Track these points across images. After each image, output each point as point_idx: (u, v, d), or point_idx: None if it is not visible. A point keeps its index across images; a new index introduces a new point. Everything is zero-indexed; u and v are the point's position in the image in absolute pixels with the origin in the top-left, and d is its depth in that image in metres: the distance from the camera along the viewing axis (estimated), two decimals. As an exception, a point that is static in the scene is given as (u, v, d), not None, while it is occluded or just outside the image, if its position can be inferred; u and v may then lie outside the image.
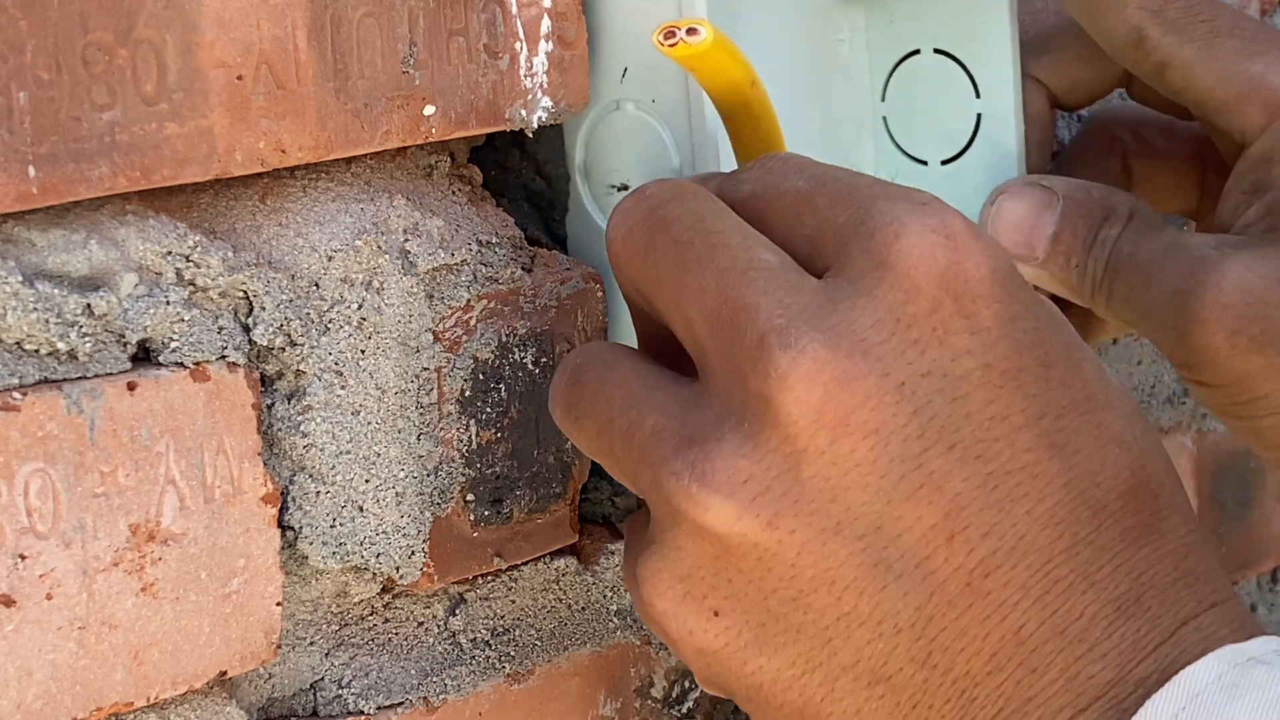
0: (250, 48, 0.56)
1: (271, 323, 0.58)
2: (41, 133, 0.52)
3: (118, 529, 0.55)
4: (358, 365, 0.60)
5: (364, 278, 0.60)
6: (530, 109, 0.64)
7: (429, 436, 0.62)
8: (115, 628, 0.55)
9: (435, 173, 0.64)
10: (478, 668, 0.66)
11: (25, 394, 0.53)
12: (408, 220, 0.62)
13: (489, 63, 0.62)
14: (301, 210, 0.60)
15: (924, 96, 0.75)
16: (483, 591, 0.66)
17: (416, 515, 0.62)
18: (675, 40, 0.59)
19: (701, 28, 0.58)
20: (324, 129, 0.58)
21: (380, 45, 0.60)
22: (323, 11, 0.58)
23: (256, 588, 0.59)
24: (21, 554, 0.53)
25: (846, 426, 0.54)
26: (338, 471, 0.60)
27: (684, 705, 0.72)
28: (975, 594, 0.54)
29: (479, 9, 0.62)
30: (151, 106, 0.54)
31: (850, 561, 0.54)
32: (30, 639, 0.54)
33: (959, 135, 0.75)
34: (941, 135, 0.75)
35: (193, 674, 0.57)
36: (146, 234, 0.56)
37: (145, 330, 0.56)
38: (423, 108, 0.61)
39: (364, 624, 0.64)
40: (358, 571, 0.62)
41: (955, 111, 0.74)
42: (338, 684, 0.63)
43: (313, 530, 0.60)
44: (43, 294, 0.54)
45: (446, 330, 0.63)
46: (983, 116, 0.74)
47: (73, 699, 0.55)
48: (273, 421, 0.59)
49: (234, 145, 0.56)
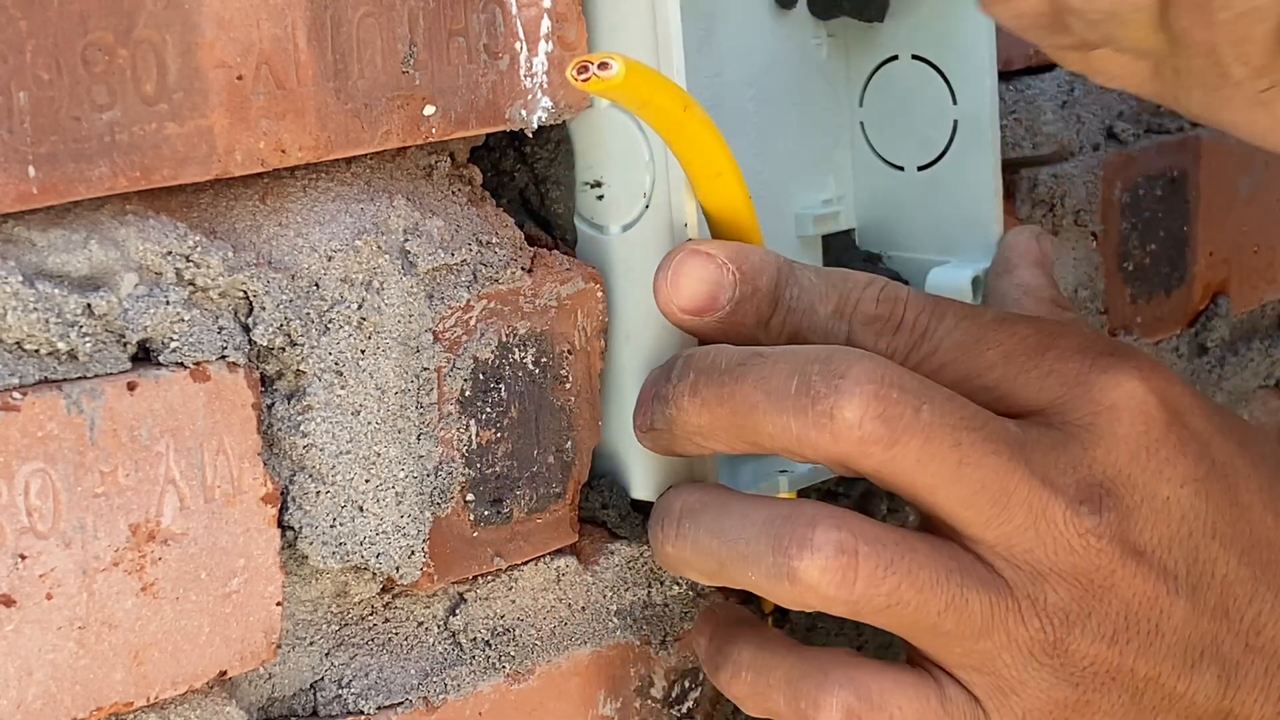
0: (250, 48, 0.56)
1: (271, 323, 0.58)
2: (41, 133, 0.52)
3: (118, 529, 0.55)
4: (358, 365, 0.60)
5: (364, 278, 0.60)
6: (530, 109, 0.64)
7: (429, 436, 0.62)
8: (115, 627, 0.55)
9: (435, 173, 0.64)
10: (478, 668, 0.66)
11: (25, 394, 0.53)
12: (408, 220, 0.62)
13: (489, 63, 0.62)
14: (301, 210, 0.60)
15: (901, 102, 0.75)
16: (483, 591, 0.66)
17: (416, 515, 0.62)
18: (588, 75, 0.58)
19: (613, 61, 0.58)
20: (324, 129, 0.58)
21: (380, 45, 0.60)
22: (323, 11, 0.58)
23: (256, 588, 0.59)
24: (21, 554, 0.53)
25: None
26: (338, 471, 0.60)
27: (684, 705, 0.72)
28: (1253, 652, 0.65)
29: (479, 9, 0.62)
30: (151, 106, 0.54)
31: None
32: (30, 639, 0.54)
33: (936, 141, 0.75)
34: (918, 141, 0.75)
35: (193, 674, 0.57)
36: (146, 234, 0.56)
37: (145, 330, 0.56)
38: (423, 108, 0.61)
39: (364, 624, 0.64)
40: (358, 571, 0.62)
41: (932, 117, 0.74)
42: (338, 684, 0.63)
43: (313, 530, 0.60)
44: (43, 294, 0.54)
45: (446, 330, 0.63)
46: (960, 123, 0.74)
47: (73, 699, 0.55)
48: (273, 421, 0.59)
49: (234, 145, 0.56)
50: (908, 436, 0.61)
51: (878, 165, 0.76)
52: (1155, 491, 0.63)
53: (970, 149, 0.74)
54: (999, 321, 0.66)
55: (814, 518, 0.62)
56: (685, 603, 0.72)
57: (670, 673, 0.71)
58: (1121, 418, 0.64)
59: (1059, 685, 0.63)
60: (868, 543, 0.62)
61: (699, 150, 0.63)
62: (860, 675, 0.64)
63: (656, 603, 0.71)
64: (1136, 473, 0.63)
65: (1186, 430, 0.64)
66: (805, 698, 0.64)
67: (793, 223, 0.75)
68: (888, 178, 0.76)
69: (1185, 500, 0.64)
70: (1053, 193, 0.85)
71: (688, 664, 0.72)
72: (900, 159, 0.76)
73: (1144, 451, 0.64)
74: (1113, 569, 0.63)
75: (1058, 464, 0.63)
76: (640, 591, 0.70)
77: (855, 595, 0.61)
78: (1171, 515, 0.64)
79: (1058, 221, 0.86)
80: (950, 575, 0.62)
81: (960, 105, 0.74)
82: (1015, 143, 0.85)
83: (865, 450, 0.61)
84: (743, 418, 0.62)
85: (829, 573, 0.61)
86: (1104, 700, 0.64)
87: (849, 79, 0.76)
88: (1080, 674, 0.63)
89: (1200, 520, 0.64)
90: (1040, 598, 0.63)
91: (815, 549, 0.61)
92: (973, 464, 0.62)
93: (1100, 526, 0.63)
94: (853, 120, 0.76)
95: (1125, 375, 0.64)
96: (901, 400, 0.61)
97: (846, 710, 0.63)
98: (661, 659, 0.71)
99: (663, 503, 0.66)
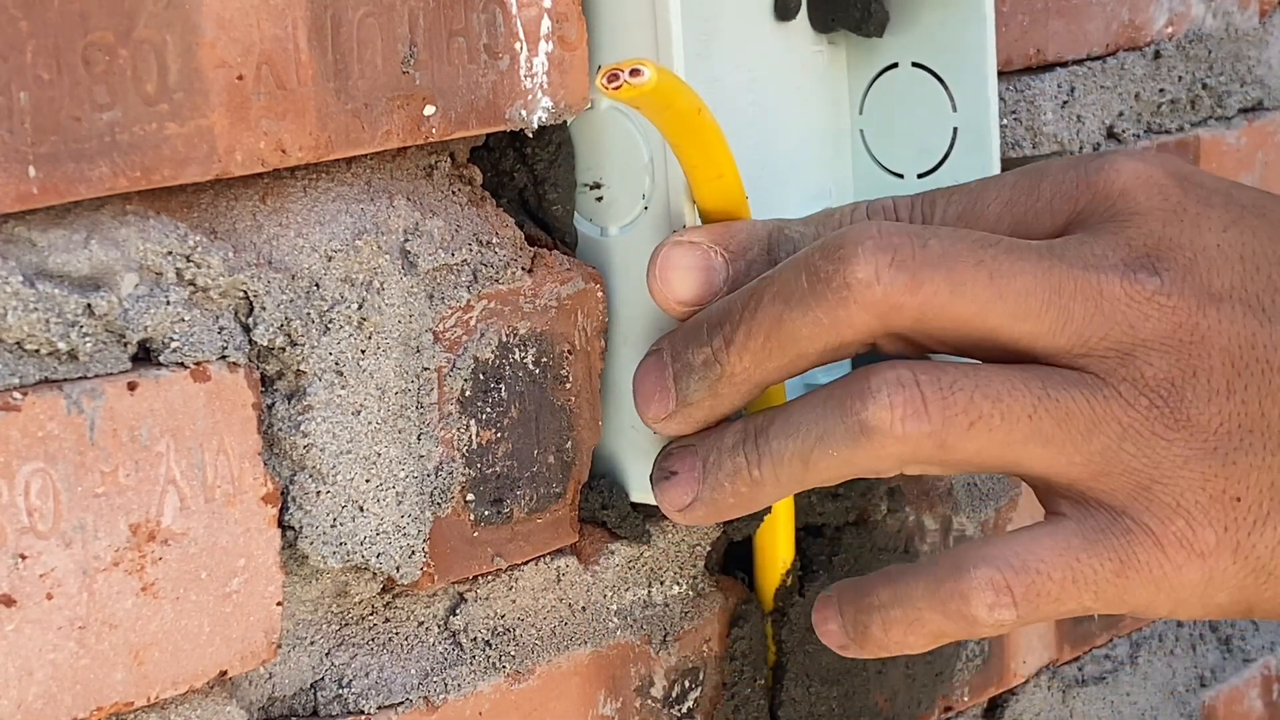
0: (250, 48, 0.56)
1: (272, 323, 0.58)
2: (42, 133, 0.52)
3: (118, 529, 0.55)
4: (358, 365, 0.60)
5: (364, 278, 0.61)
6: (530, 109, 0.64)
7: (429, 436, 0.62)
8: (115, 627, 0.55)
9: (435, 173, 0.64)
10: (478, 667, 0.66)
11: (26, 394, 0.53)
12: (408, 220, 0.62)
13: (489, 63, 0.62)
14: (302, 210, 0.60)
15: (901, 110, 0.75)
16: (483, 591, 0.66)
17: (417, 515, 0.62)
18: (619, 83, 0.58)
19: (645, 68, 0.58)
20: (324, 129, 0.59)
21: (380, 45, 0.60)
22: (323, 12, 0.58)
23: (257, 587, 0.59)
24: (22, 554, 0.53)
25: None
26: (338, 471, 0.60)
27: (684, 705, 0.72)
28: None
29: (479, 9, 0.62)
30: (152, 106, 0.54)
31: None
32: (31, 639, 0.54)
33: (936, 149, 0.75)
34: (918, 149, 0.75)
35: (193, 674, 0.57)
36: (147, 234, 0.56)
37: (146, 330, 0.56)
38: (423, 108, 0.61)
39: (364, 624, 0.64)
40: (358, 571, 0.62)
41: (932, 125, 0.74)
42: (338, 683, 0.63)
43: (313, 530, 0.60)
44: (43, 294, 0.54)
45: (447, 330, 0.63)
46: (959, 130, 0.74)
47: (73, 698, 0.55)
48: (273, 421, 0.59)
49: (234, 145, 0.56)
50: (927, 271, 0.60)
51: (878, 173, 0.76)
52: (1204, 244, 0.62)
53: (970, 156, 0.74)
54: (985, 183, 0.65)
55: (867, 372, 0.61)
56: (685, 603, 0.72)
57: (670, 673, 0.71)
58: (1137, 196, 0.63)
59: (1197, 458, 0.61)
60: (926, 371, 0.61)
61: (705, 153, 0.63)
62: (990, 549, 0.62)
63: (656, 603, 0.71)
64: (1176, 234, 0.62)
65: (1202, 188, 0.64)
66: (953, 598, 0.62)
67: None
68: (887, 185, 0.76)
69: (1236, 241, 0.62)
70: (1053, 193, 0.85)
71: (688, 664, 0.72)
72: (900, 166, 0.76)
73: (1173, 215, 0.62)
74: (1195, 322, 0.61)
75: (1094, 252, 0.62)
76: (640, 591, 0.70)
77: (933, 424, 0.60)
78: (1229, 257, 0.62)
79: (1058, 221, 0.86)
80: (1027, 382, 0.61)
81: (960, 112, 0.74)
82: (1015, 143, 0.85)
83: (895, 302, 0.60)
84: (778, 336, 0.62)
85: (897, 408, 0.60)
86: (1252, 458, 0.61)
87: (849, 86, 0.76)
88: (1214, 438, 0.61)
89: (1259, 255, 0.62)
90: (1137, 375, 0.61)
91: (875, 392, 0.60)
92: (1005, 274, 0.60)
93: (1165, 286, 0.61)
94: (852, 128, 0.76)
95: (1122, 161, 0.64)
96: (906, 243, 0.60)
97: (993, 586, 0.61)
98: (661, 659, 0.71)
99: (724, 442, 0.64)
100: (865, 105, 0.76)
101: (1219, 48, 0.94)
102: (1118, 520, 0.61)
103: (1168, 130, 0.92)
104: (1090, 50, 0.87)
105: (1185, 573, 0.61)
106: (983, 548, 0.62)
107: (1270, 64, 0.98)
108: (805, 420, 0.62)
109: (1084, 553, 0.61)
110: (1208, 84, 0.94)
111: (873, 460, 0.61)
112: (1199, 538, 0.61)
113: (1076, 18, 0.86)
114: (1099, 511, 0.62)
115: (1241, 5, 0.95)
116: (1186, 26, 0.92)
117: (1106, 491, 0.61)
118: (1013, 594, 0.61)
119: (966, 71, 0.73)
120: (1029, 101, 0.85)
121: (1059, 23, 0.85)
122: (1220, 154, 0.94)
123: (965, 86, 0.74)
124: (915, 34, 0.74)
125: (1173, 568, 0.61)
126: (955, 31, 0.73)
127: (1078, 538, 0.61)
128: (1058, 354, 0.61)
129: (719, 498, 0.64)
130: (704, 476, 0.64)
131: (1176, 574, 0.61)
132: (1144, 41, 0.90)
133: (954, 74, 0.74)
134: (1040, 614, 0.62)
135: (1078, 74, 0.87)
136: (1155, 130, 0.91)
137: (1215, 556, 0.61)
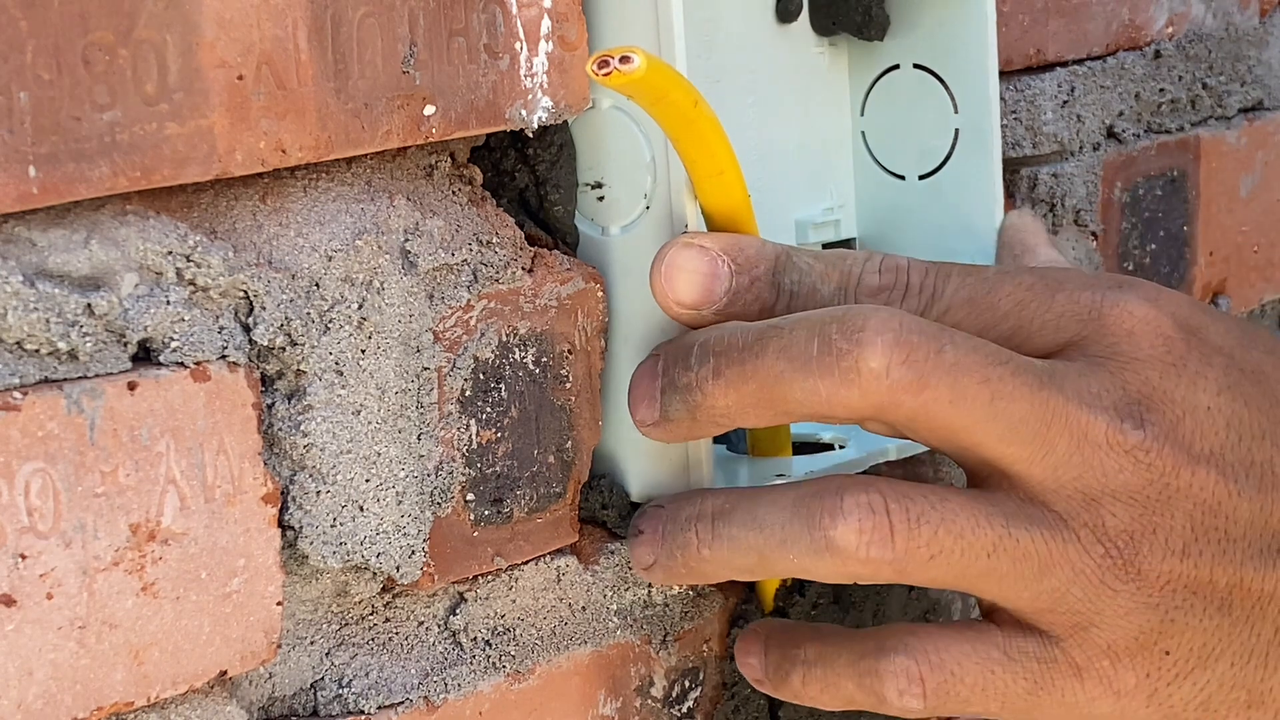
0: (250, 48, 0.56)
1: (272, 322, 0.58)
2: (42, 133, 0.52)
3: (118, 529, 0.55)
4: (358, 365, 0.60)
5: (364, 277, 0.60)
6: (530, 109, 0.64)
7: (429, 436, 0.62)
8: (115, 627, 0.55)
9: (436, 173, 0.64)
10: (478, 667, 0.66)
11: (26, 394, 0.53)
12: (408, 220, 0.62)
13: (489, 63, 0.62)
14: (302, 210, 0.60)
15: (903, 111, 0.75)
16: (483, 591, 0.66)
17: (417, 515, 0.62)
18: (609, 69, 0.58)
19: (635, 55, 0.58)
20: (324, 129, 0.58)
21: (380, 45, 0.60)
22: (323, 12, 0.58)
23: (257, 587, 0.59)
24: (22, 554, 0.53)
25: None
26: (338, 471, 0.60)
27: (684, 705, 0.72)
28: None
29: (479, 9, 0.62)
30: (152, 106, 0.54)
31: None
32: (31, 639, 0.54)
33: (937, 150, 0.75)
34: (920, 150, 0.75)
35: (193, 673, 0.57)
36: (147, 234, 0.56)
37: (146, 330, 0.56)
38: (423, 108, 0.61)
39: (364, 623, 0.64)
40: (358, 571, 0.62)
41: (934, 127, 0.75)
42: (338, 683, 0.63)
43: (313, 530, 0.60)
44: (43, 294, 0.54)
45: (447, 330, 0.63)
46: (961, 132, 0.74)
47: (73, 698, 0.55)
48: (273, 421, 0.59)
49: (234, 145, 0.56)
50: (935, 378, 0.61)
51: (879, 174, 0.76)
52: (1195, 403, 0.63)
53: (971, 157, 0.74)
54: (1003, 274, 0.66)
55: (840, 486, 0.62)
56: (685, 603, 0.72)
57: (670, 672, 0.71)
58: (1140, 342, 0.63)
59: (1139, 610, 0.62)
60: (896, 499, 0.61)
61: (704, 148, 0.63)
62: (915, 639, 0.64)
63: (656, 603, 0.71)
64: (1170, 388, 0.63)
65: (1207, 344, 0.64)
66: (869, 674, 0.64)
67: (793, 231, 0.75)
68: (889, 187, 0.76)
69: (1226, 407, 0.63)
70: (1053, 192, 0.85)
71: (688, 664, 0.72)
72: (901, 168, 0.76)
73: (1172, 369, 0.63)
74: (1167, 481, 0.62)
75: (1091, 389, 0.62)
76: (640, 591, 0.70)
77: (896, 552, 0.61)
78: (1217, 422, 0.63)
79: (1058, 221, 0.86)
80: (991, 518, 0.62)
81: (962, 114, 0.74)
82: (1015, 142, 0.85)
83: (896, 399, 0.61)
84: (770, 390, 0.62)
85: (864, 534, 0.61)
86: (1190, 618, 0.63)
87: (850, 88, 0.76)
88: (1159, 595, 0.62)
89: (1246, 424, 0.63)
90: (1099, 523, 0.62)
91: (846, 514, 0.61)
92: (1005, 397, 0.61)
93: (1147, 441, 0.62)
94: (854, 129, 0.76)
95: (1136, 302, 0.64)
96: (923, 344, 0.61)
97: (907, 674, 0.63)
98: (661, 659, 0.71)
99: (682, 514, 0.66)
100: (867, 107, 0.76)
101: (1219, 47, 0.94)
102: (1046, 648, 0.63)
103: (1168, 130, 0.92)
104: (1090, 50, 0.87)
105: (1098, 705, 0.64)
106: (907, 636, 0.64)
107: (1270, 64, 0.98)
108: (771, 520, 0.63)
109: (1000, 667, 0.63)
110: (1208, 84, 0.94)
111: (830, 573, 0.63)
112: (1120, 678, 0.63)
113: (1076, 18, 0.86)
114: (1032, 636, 0.64)
115: (1241, 5, 0.95)
116: (1186, 26, 0.92)
117: (1047, 624, 0.63)
118: (924, 687, 0.64)
119: (968, 73, 0.74)
120: (1029, 101, 0.85)
121: (1059, 22, 0.85)
122: (1220, 154, 0.94)
123: (967, 88, 0.74)
124: (917, 35, 0.74)
125: (1086, 699, 0.64)
126: (956, 33, 0.73)
127: (998, 651, 0.64)
128: (1029, 481, 0.62)
129: (673, 565, 0.66)
130: (662, 542, 0.66)
131: (1089, 705, 0.64)
132: (1144, 41, 0.90)
133: (955, 75, 0.74)
134: (948, 710, 0.64)
135: (1078, 74, 0.87)
136: (1155, 130, 0.91)
137: (1131, 698, 0.63)
